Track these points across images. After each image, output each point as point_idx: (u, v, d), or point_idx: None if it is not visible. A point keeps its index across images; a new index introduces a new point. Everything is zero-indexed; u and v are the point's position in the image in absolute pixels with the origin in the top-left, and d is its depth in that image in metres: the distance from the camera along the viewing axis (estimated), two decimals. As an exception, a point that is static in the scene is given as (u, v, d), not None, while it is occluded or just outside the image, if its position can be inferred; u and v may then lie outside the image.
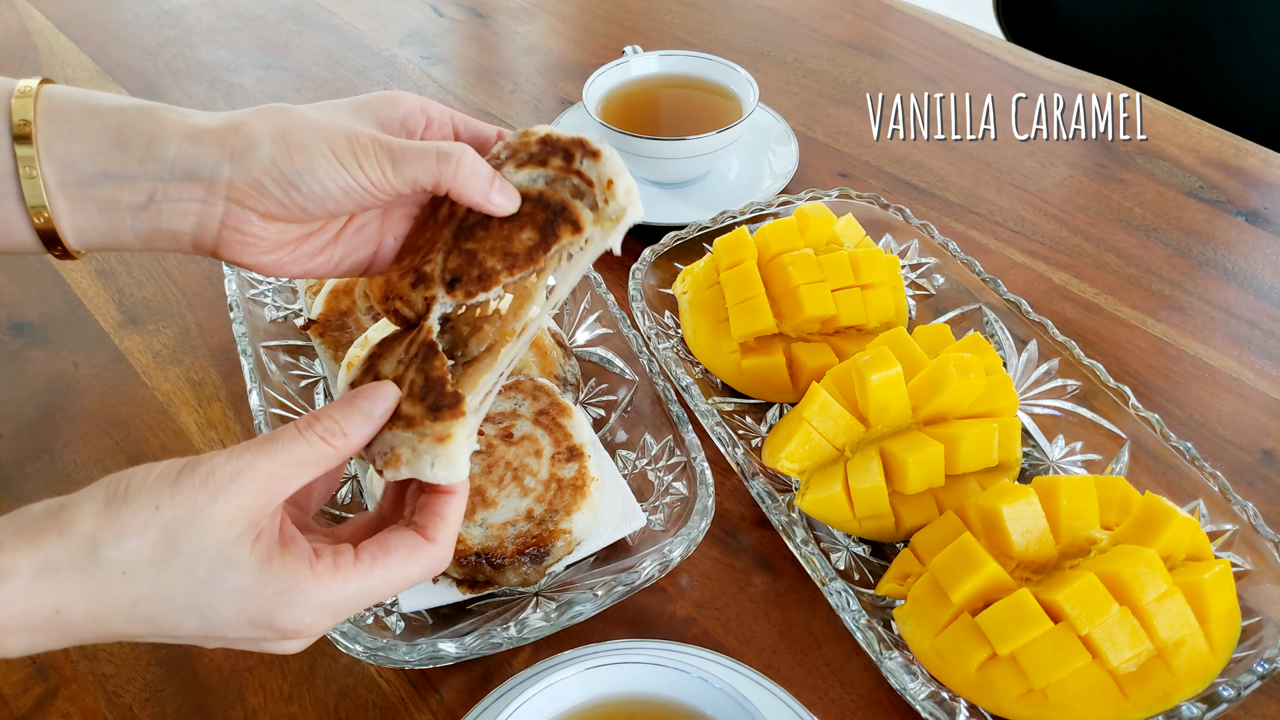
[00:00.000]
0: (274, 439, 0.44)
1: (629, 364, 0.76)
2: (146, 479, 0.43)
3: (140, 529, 0.41)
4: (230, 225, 0.49)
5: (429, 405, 0.47)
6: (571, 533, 0.64)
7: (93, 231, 0.49)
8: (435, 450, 0.46)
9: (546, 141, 0.51)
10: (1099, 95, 1.13)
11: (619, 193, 0.49)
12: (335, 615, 0.44)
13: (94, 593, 0.41)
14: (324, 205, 0.49)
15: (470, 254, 0.50)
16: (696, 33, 1.28)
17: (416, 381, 0.48)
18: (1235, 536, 0.63)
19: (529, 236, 0.50)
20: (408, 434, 0.47)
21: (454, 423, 0.47)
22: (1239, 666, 0.57)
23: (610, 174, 0.49)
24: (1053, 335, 0.75)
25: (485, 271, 0.49)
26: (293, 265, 0.52)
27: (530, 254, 0.49)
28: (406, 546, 0.46)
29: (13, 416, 0.81)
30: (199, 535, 0.42)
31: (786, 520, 0.65)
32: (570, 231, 0.49)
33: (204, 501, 0.42)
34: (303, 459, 0.44)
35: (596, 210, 0.49)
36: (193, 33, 1.29)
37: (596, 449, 0.70)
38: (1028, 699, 0.56)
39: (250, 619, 0.43)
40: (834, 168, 1.04)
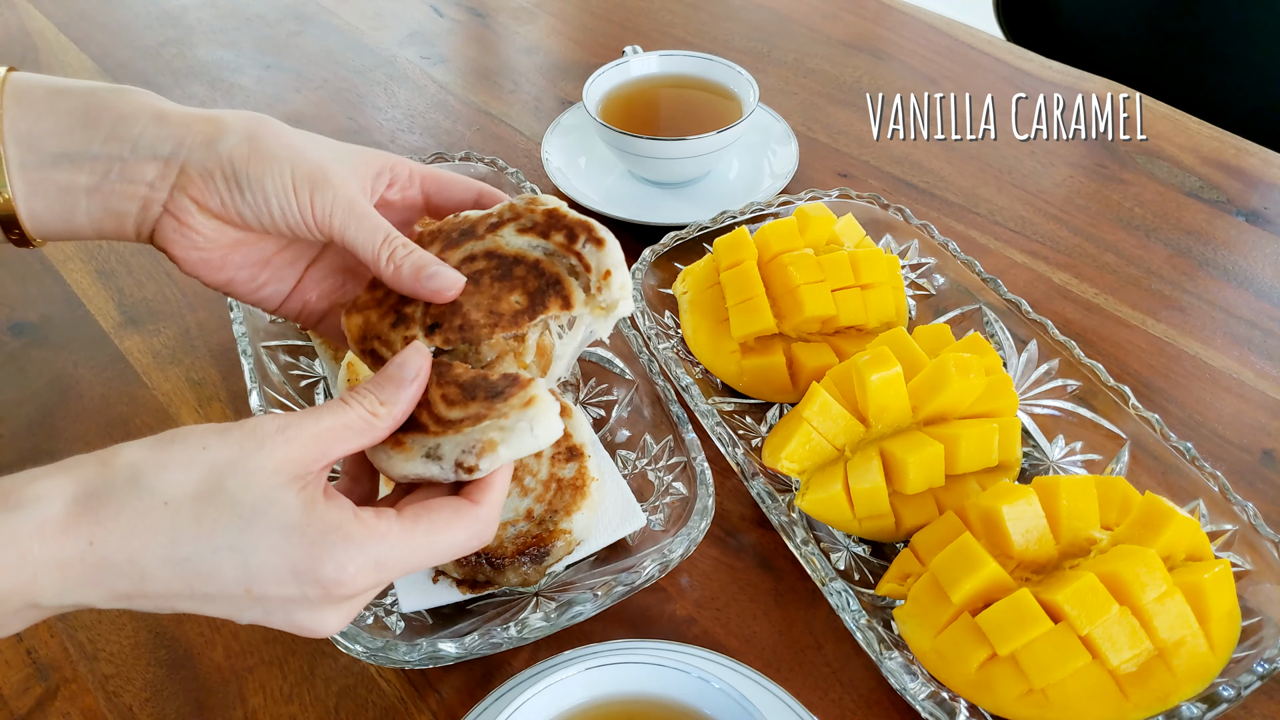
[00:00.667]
0: (320, 407, 0.44)
1: (629, 364, 0.76)
2: (196, 428, 0.42)
3: (186, 464, 0.41)
4: (171, 211, 0.50)
5: (486, 398, 0.46)
6: (571, 533, 0.64)
7: (49, 216, 0.50)
8: (528, 415, 0.45)
9: (553, 216, 0.51)
10: (1099, 95, 1.13)
11: (614, 285, 0.50)
12: (378, 571, 0.42)
13: (132, 524, 0.39)
14: (260, 219, 0.50)
15: (455, 304, 0.50)
16: (696, 33, 1.28)
17: (449, 393, 0.47)
18: (1235, 536, 0.63)
19: (518, 300, 0.50)
20: (486, 423, 0.45)
21: (529, 387, 0.46)
22: (1239, 666, 0.57)
23: (609, 265, 0.50)
24: (1053, 335, 0.75)
25: (468, 324, 0.49)
26: (217, 272, 0.53)
27: (515, 317, 0.49)
28: (451, 507, 0.44)
29: (13, 416, 0.81)
30: (244, 475, 0.41)
31: (786, 520, 0.65)
32: (559, 306, 0.50)
33: (251, 447, 0.41)
34: (347, 423, 0.44)
35: (589, 294, 0.50)
36: (193, 33, 1.29)
37: (596, 449, 0.70)
38: (1028, 699, 0.56)
39: (292, 566, 0.41)
40: (834, 168, 1.04)
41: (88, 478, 0.40)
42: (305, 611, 0.42)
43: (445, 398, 0.47)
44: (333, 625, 0.43)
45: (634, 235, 0.94)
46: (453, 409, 0.47)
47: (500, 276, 0.50)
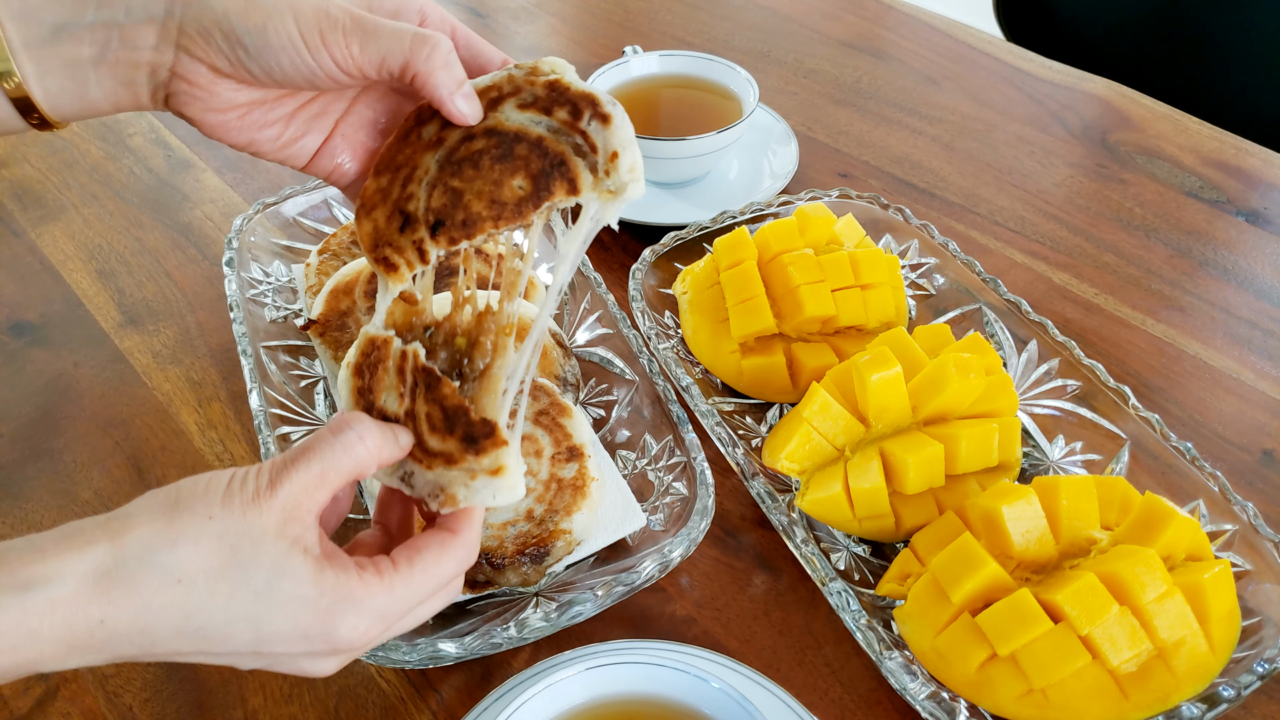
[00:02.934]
0: (308, 447, 0.44)
1: (629, 364, 0.76)
2: (196, 489, 0.42)
3: (195, 537, 0.40)
4: (180, 74, 0.48)
5: (461, 439, 0.46)
6: (571, 533, 0.64)
7: (62, 95, 0.49)
8: (493, 484, 0.46)
9: (554, 88, 0.47)
10: (1099, 95, 1.13)
11: (622, 167, 0.46)
12: (385, 622, 0.44)
13: (145, 602, 0.39)
14: (271, 75, 0.47)
15: (456, 193, 0.47)
16: (696, 33, 1.28)
17: (434, 415, 0.47)
18: (1235, 536, 0.63)
19: (520, 185, 0.46)
20: (454, 472, 0.46)
21: (499, 452, 0.46)
22: (1239, 666, 0.57)
23: (616, 145, 0.46)
24: (1053, 335, 0.75)
25: (470, 217, 0.47)
26: (238, 132, 0.51)
27: (519, 206, 0.46)
28: (436, 543, 0.46)
29: (13, 416, 0.81)
30: (253, 545, 0.41)
31: (786, 520, 0.65)
32: (565, 191, 0.46)
33: (252, 515, 0.41)
34: (339, 464, 0.44)
35: (596, 177, 0.46)
36: (193, 33, 1.29)
37: (596, 449, 0.70)
38: (1028, 699, 0.56)
39: (304, 630, 0.42)
40: (834, 168, 1.04)
41: (99, 558, 0.39)
42: (308, 661, 0.44)
43: (429, 419, 0.47)
44: (331, 669, 0.45)
45: (634, 235, 0.94)
46: (433, 436, 0.46)
47: (500, 157, 0.47)
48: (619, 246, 0.94)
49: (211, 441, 0.78)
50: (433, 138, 0.49)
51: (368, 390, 0.48)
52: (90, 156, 1.08)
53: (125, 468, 0.76)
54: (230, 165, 1.06)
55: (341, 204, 0.91)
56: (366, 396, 0.48)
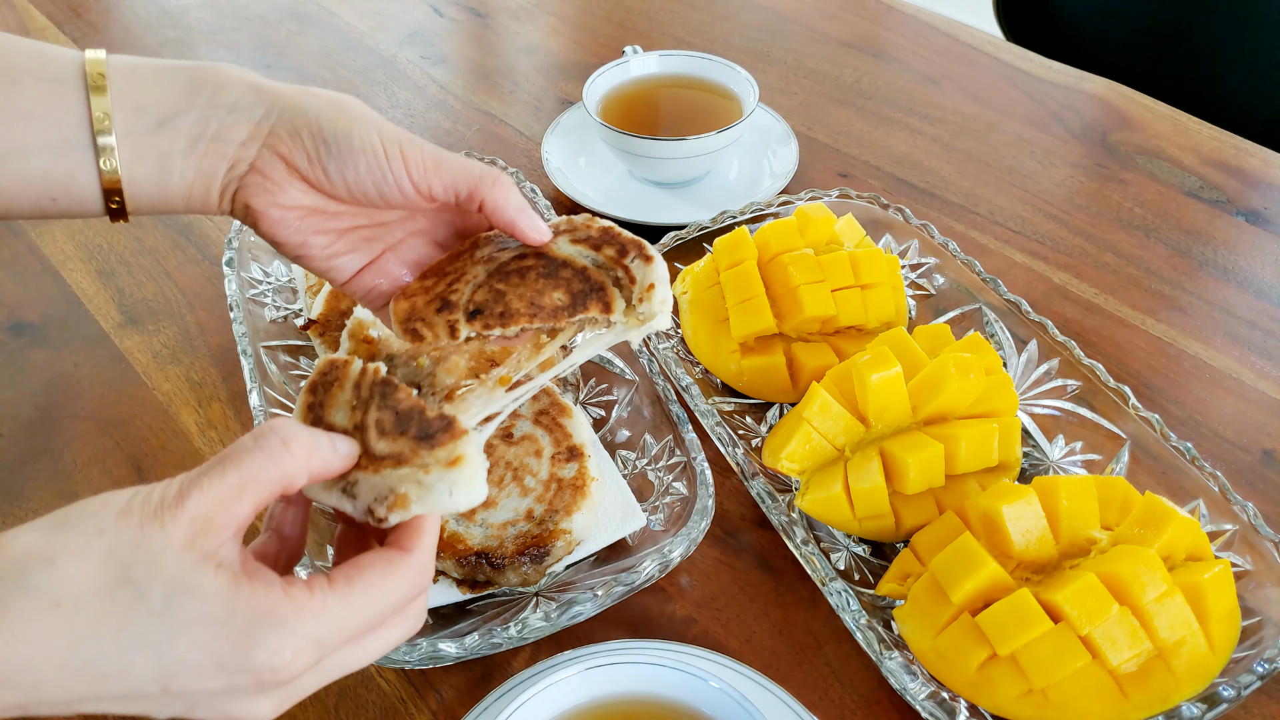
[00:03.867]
0: (226, 456, 0.39)
1: (629, 364, 0.76)
2: (90, 505, 0.38)
3: (79, 553, 0.36)
4: (258, 168, 0.50)
5: (415, 436, 0.43)
6: (571, 533, 0.64)
7: (146, 183, 0.50)
8: (449, 476, 0.42)
9: (608, 233, 0.53)
10: (1099, 95, 1.13)
11: (656, 300, 0.51)
12: (318, 649, 0.39)
13: (17, 631, 0.34)
14: (346, 177, 0.50)
15: (500, 293, 0.51)
16: (696, 33, 1.28)
17: (384, 420, 0.44)
18: (1235, 536, 0.63)
19: (560, 298, 0.51)
20: (404, 470, 0.42)
21: (458, 442, 0.43)
22: (1239, 666, 0.57)
23: (654, 279, 0.51)
24: (1053, 335, 0.75)
25: (509, 311, 0.50)
26: (295, 231, 0.52)
27: (555, 312, 0.51)
28: (381, 561, 0.41)
29: (13, 416, 0.81)
30: (150, 560, 0.36)
31: (786, 520, 0.65)
32: (600, 309, 0.51)
33: (153, 527, 0.37)
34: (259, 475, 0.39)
35: (629, 305, 0.51)
36: (193, 33, 1.29)
37: (596, 449, 0.70)
38: (1028, 699, 0.56)
39: (217, 659, 0.37)
40: (834, 168, 1.04)
41: None
42: (235, 702, 0.38)
43: (379, 424, 0.44)
44: (266, 714, 0.39)
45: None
46: (382, 439, 0.44)
47: (546, 274, 0.51)
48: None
49: (211, 441, 0.78)
50: (485, 257, 0.53)
51: (318, 405, 0.46)
52: (90, 156, 1.08)
53: (125, 468, 0.76)
54: (230, 165, 1.06)
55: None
56: (315, 411, 0.46)
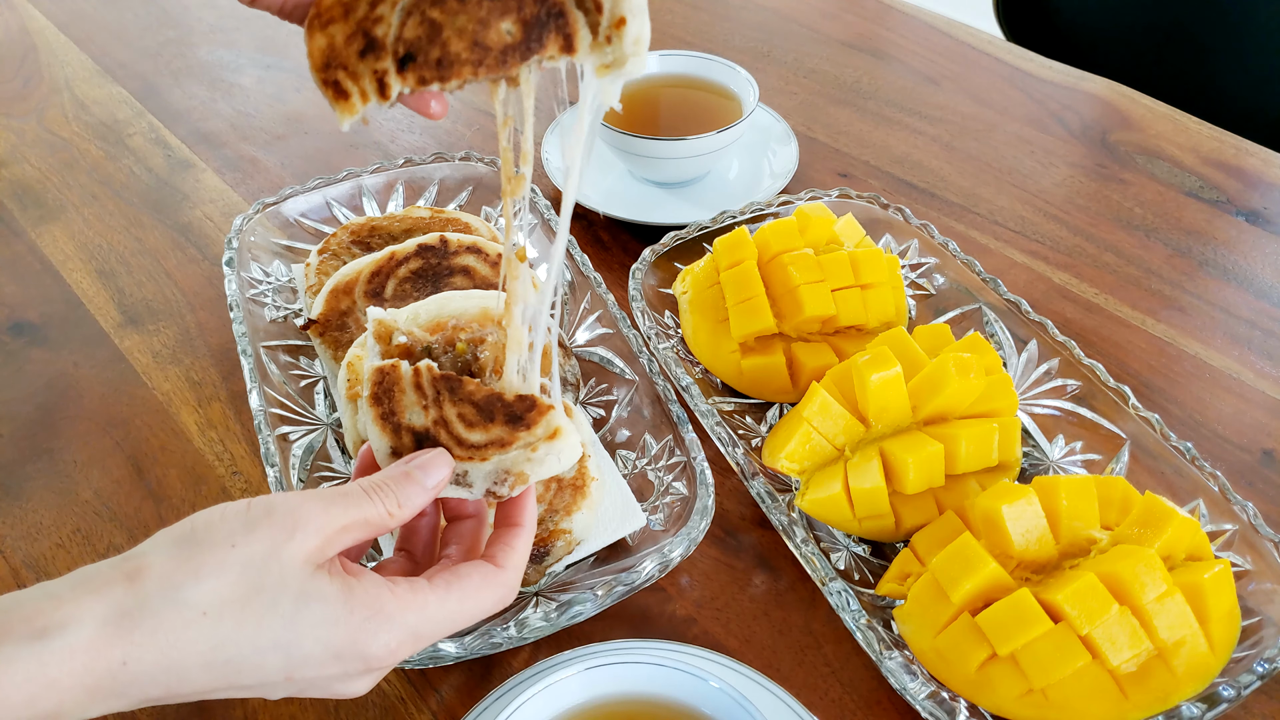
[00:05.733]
0: (343, 495, 0.44)
1: (629, 364, 0.76)
2: (212, 520, 0.42)
3: (218, 568, 0.40)
4: None
5: (505, 422, 0.47)
6: (571, 533, 0.64)
7: None
8: (555, 448, 0.47)
9: None
10: (1099, 95, 1.13)
11: (628, 37, 0.41)
12: (417, 640, 0.44)
13: (170, 639, 0.39)
14: None
15: (435, 26, 0.41)
16: (696, 33, 1.28)
17: (466, 413, 0.47)
18: (1235, 536, 0.63)
19: (509, 30, 0.41)
20: (513, 453, 0.47)
21: (549, 417, 0.47)
22: (1239, 666, 0.57)
23: (625, 10, 0.41)
24: (1053, 335, 0.75)
25: (447, 57, 0.41)
26: None
27: (504, 54, 0.42)
28: (480, 573, 0.47)
29: (13, 416, 0.81)
30: (279, 571, 0.41)
31: (786, 520, 0.65)
32: (558, 47, 0.42)
33: (281, 539, 0.41)
34: (367, 518, 0.45)
35: (596, 40, 0.42)
36: (193, 33, 1.29)
37: (596, 449, 0.70)
38: (1028, 699, 0.56)
39: (336, 651, 0.42)
40: (834, 168, 1.04)
41: (116, 598, 0.39)
42: (341, 683, 0.44)
43: (463, 417, 0.47)
44: (365, 688, 0.45)
45: (634, 235, 0.94)
46: (473, 431, 0.47)
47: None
48: (619, 246, 0.94)
49: (211, 441, 0.78)
50: None
51: (390, 414, 0.49)
52: (90, 156, 1.08)
53: (125, 468, 0.76)
54: (230, 165, 1.06)
55: (341, 204, 0.91)
56: (391, 419, 0.49)
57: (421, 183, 0.93)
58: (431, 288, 0.77)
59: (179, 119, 1.13)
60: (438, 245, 0.79)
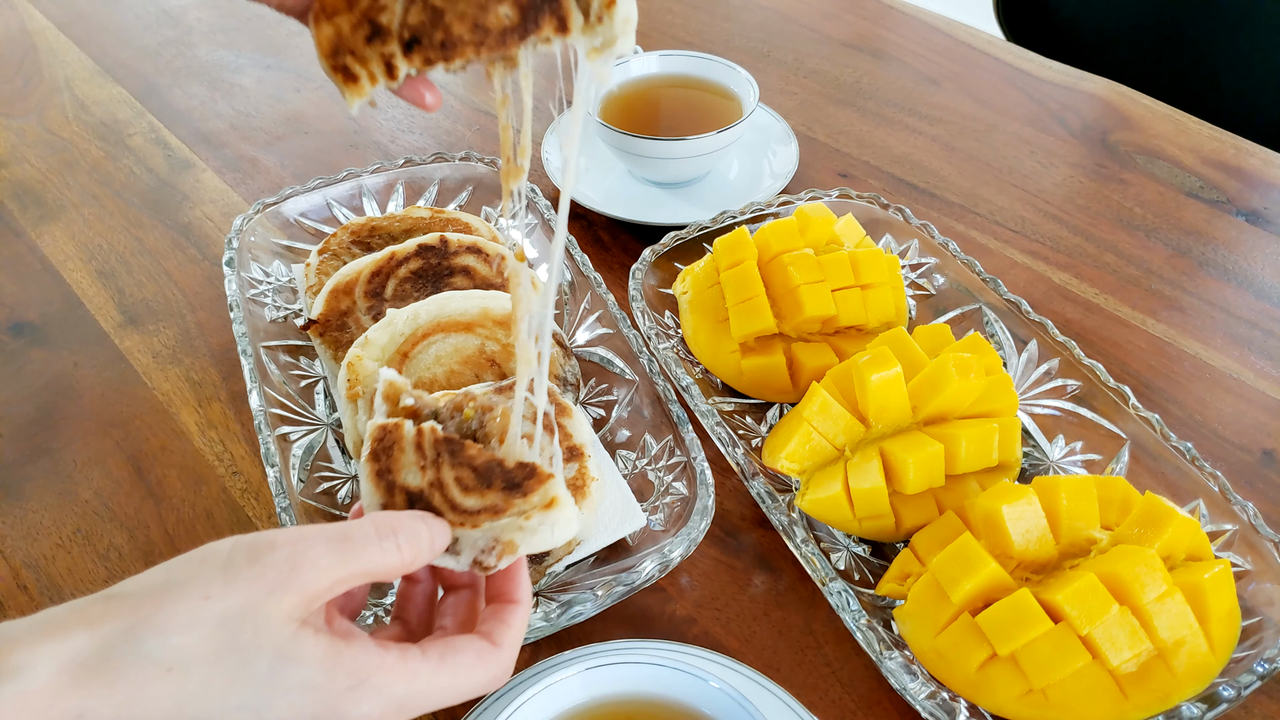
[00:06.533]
0: (351, 538, 0.41)
1: (629, 364, 0.76)
2: (190, 564, 0.39)
3: (189, 622, 0.37)
4: None
5: (503, 488, 0.46)
6: (571, 533, 0.64)
7: None
8: (549, 518, 0.45)
9: None
10: (1099, 95, 1.13)
11: (618, 17, 0.43)
12: (401, 712, 0.41)
13: (130, 694, 0.36)
14: None
15: (436, 11, 0.44)
16: (696, 33, 1.28)
17: (464, 477, 0.46)
18: (1235, 536, 0.63)
19: (507, 13, 0.44)
20: (505, 520, 0.45)
21: (547, 486, 0.46)
22: (1239, 666, 0.57)
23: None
24: (1053, 335, 0.75)
25: (450, 39, 0.44)
26: None
27: (503, 35, 0.44)
28: (475, 650, 0.44)
29: (13, 416, 0.81)
30: (256, 629, 0.38)
31: (786, 520, 0.65)
32: (554, 28, 0.44)
33: (262, 592, 0.38)
34: (372, 568, 0.41)
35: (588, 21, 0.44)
36: (193, 33, 1.29)
37: (596, 449, 0.70)
38: (1028, 699, 0.56)
39: (312, 716, 0.39)
40: (834, 168, 1.04)
41: (76, 645, 0.36)
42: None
43: (460, 481, 0.46)
44: None
45: (634, 235, 0.94)
46: (469, 495, 0.46)
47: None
48: (619, 246, 0.94)
49: (211, 441, 0.78)
50: None
51: (386, 471, 0.47)
52: (90, 156, 1.08)
53: (125, 468, 0.76)
54: (230, 165, 1.06)
55: (341, 204, 0.91)
56: (386, 477, 0.47)
57: (422, 183, 0.93)
58: (432, 288, 0.77)
59: (179, 119, 1.13)
60: (438, 245, 0.79)
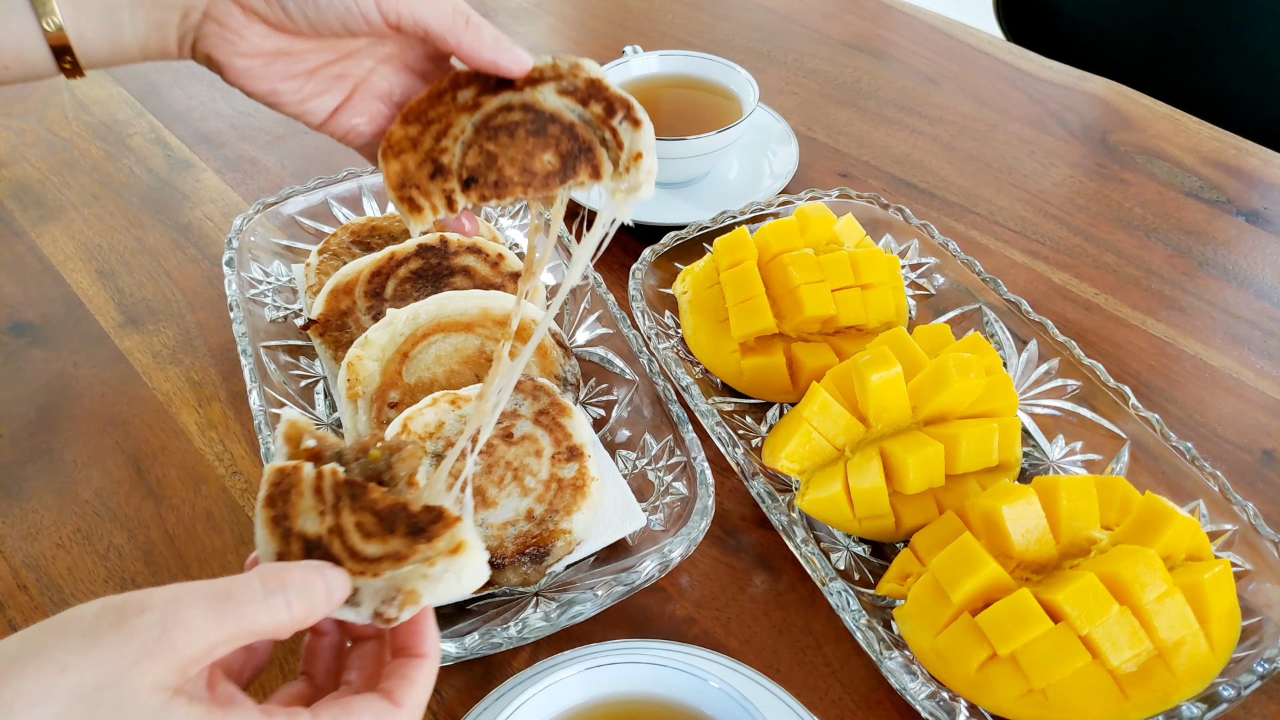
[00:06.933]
0: (233, 596, 0.37)
1: (629, 364, 0.76)
2: (51, 630, 0.35)
3: (40, 699, 0.33)
4: (212, 15, 0.49)
5: (406, 534, 0.43)
6: (571, 533, 0.64)
7: (97, 39, 0.50)
8: (455, 564, 0.42)
9: (595, 86, 0.52)
10: (1099, 95, 1.13)
11: (643, 169, 0.50)
12: None
13: None
14: (306, 13, 0.49)
15: (491, 155, 0.51)
16: (696, 33, 1.28)
17: (365, 522, 0.44)
18: (1235, 536, 0.63)
19: (550, 160, 0.51)
20: (408, 568, 0.42)
21: (454, 530, 0.43)
22: (1239, 666, 0.57)
23: (642, 148, 0.51)
24: (1053, 335, 0.75)
25: (503, 180, 0.50)
26: (261, 79, 0.52)
27: (547, 179, 0.51)
28: (372, 711, 0.40)
29: (13, 416, 0.81)
30: (118, 701, 0.34)
31: (786, 520, 0.65)
32: (589, 175, 0.51)
33: (128, 661, 0.34)
34: (258, 628, 0.38)
35: (617, 170, 0.51)
36: (193, 33, 1.29)
37: (596, 449, 0.70)
38: (1028, 699, 0.56)
39: None
40: (834, 168, 1.04)
41: None
42: None
43: (360, 527, 0.44)
44: None
45: (634, 235, 0.94)
46: (370, 542, 0.43)
47: (535, 131, 0.51)
48: (619, 246, 0.94)
49: (211, 441, 0.78)
50: (469, 101, 0.52)
51: (283, 518, 0.45)
52: (90, 156, 1.08)
53: (125, 468, 0.76)
54: (230, 165, 1.06)
55: (341, 204, 0.91)
56: (283, 524, 0.44)
57: (421, 183, 0.93)
58: (432, 288, 0.77)
59: (179, 119, 1.13)
60: (438, 245, 0.79)
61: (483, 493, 0.65)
